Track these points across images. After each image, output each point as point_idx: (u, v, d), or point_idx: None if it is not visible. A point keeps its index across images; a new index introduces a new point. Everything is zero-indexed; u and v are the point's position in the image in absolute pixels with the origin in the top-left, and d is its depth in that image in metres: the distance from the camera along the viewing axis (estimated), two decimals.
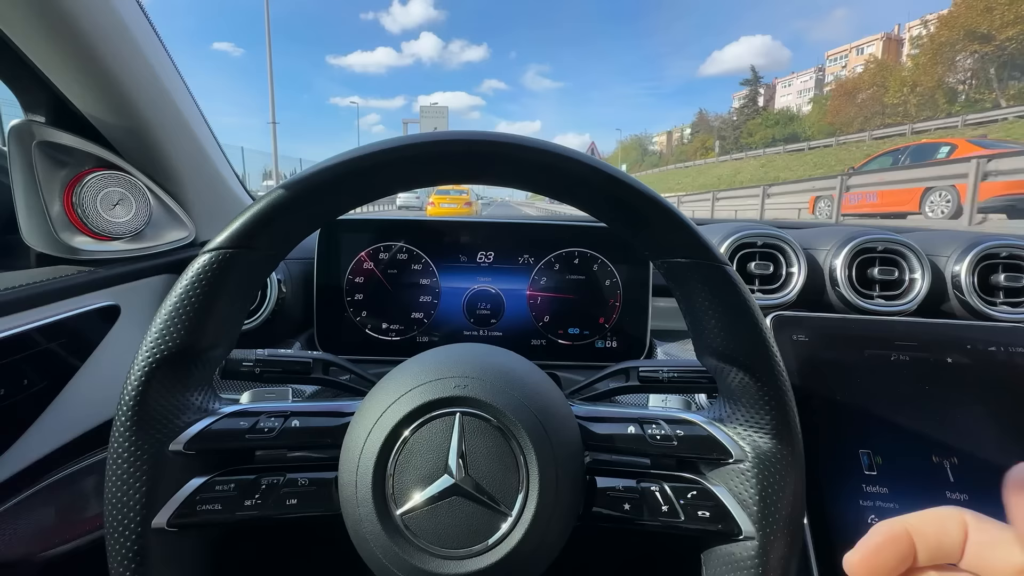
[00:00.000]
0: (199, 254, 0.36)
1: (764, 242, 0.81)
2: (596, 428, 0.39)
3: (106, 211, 0.68)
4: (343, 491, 0.35)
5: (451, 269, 0.83)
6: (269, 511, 0.37)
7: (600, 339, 0.83)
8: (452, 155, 0.36)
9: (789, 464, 0.36)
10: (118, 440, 0.35)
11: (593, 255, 0.82)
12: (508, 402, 0.35)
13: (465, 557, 0.32)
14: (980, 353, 0.60)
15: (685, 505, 0.37)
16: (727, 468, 0.38)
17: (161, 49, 0.73)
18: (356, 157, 0.35)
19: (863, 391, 0.59)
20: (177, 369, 0.36)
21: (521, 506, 0.33)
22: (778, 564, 0.35)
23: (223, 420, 0.38)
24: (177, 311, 0.35)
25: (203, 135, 0.81)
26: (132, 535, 0.35)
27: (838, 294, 0.79)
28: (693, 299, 0.37)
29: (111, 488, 0.35)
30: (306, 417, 0.40)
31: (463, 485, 0.33)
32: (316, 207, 0.37)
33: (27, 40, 0.59)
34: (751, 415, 0.37)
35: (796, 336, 0.62)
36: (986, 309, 0.76)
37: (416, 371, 0.37)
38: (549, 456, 0.34)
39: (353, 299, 0.83)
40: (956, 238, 0.82)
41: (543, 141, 0.36)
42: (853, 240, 0.79)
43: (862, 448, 0.56)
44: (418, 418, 0.34)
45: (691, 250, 0.36)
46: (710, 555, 0.38)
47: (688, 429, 0.39)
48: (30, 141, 0.62)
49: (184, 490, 0.36)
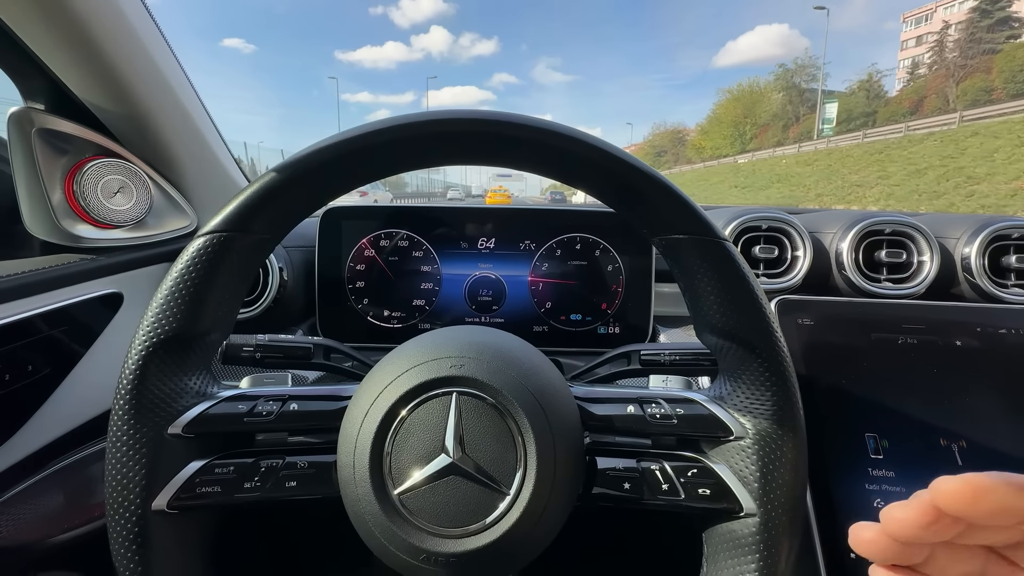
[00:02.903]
0: (194, 238, 0.36)
1: (769, 225, 0.80)
2: (595, 408, 0.39)
3: (107, 199, 0.68)
4: (341, 472, 0.35)
5: (452, 256, 0.83)
6: (268, 493, 0.37)
7: (602, 325, 0.83)
8: (446, 135, 0.35)
9: (791, 439, 0.36)
10: (117, 424, 0.35)
11: (595, 240, 0.82)
12: (505, 381, 0.34)
13: (463, 536, 0.32)
14: (990, 336, 0.59)
15: (685, 483, 0.37)
16: (728, 445, 0.37)
17: (159, 36, 0.72)
18: (348, 138, 0.35)
19: (870, 375, 0.58)
20: (174, 354, 0.36)
21: (519, 485, 0.33)
22: (779, 541, 0.35)
23: (221, 404, 0.38)
24: (173, 296, 0.35)
25: (203, 123, 0.81)
26: (133, 517, 0.35)
27: (844, 278, 0.78)
28: (692, 276, 0.36)
29: (111, 472, 0.35)
30: (304, 400, 0.40)
31: (460, 464, 0.33)
32: (312, 188, 0.37)
33: (24, 26, 0.59)
34: (752, 391, 0.37)
35: (802, 320, 0.61)
36: (997, 291, 0.75)
37: (413, 352, 0.37)
38: (547, 435, 0.34)
39: (355, 287, 0.82)
40: (965, 220, 0.80)
41: (536, 118, 0.35)
42: (860, 223, 0.78)
43: (868, 432, 0.55)
44: (415, 398, 0.34)
45: (690, 226, 0.36)
46: (711, 533, 0.38)
47: (688, 408, 0.38)
48: (30, 128, 0.62)
49: (184, 473, 0.36)
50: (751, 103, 48.28)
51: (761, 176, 25.46)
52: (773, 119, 46.25)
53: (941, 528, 0.20)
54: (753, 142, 45.69)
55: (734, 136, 48.50)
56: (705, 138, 53.25)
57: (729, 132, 49.13)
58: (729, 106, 49.98)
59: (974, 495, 0.19)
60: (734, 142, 47.81)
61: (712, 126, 52.35)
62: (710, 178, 31.60)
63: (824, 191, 19.57)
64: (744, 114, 48.38)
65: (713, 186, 29.25)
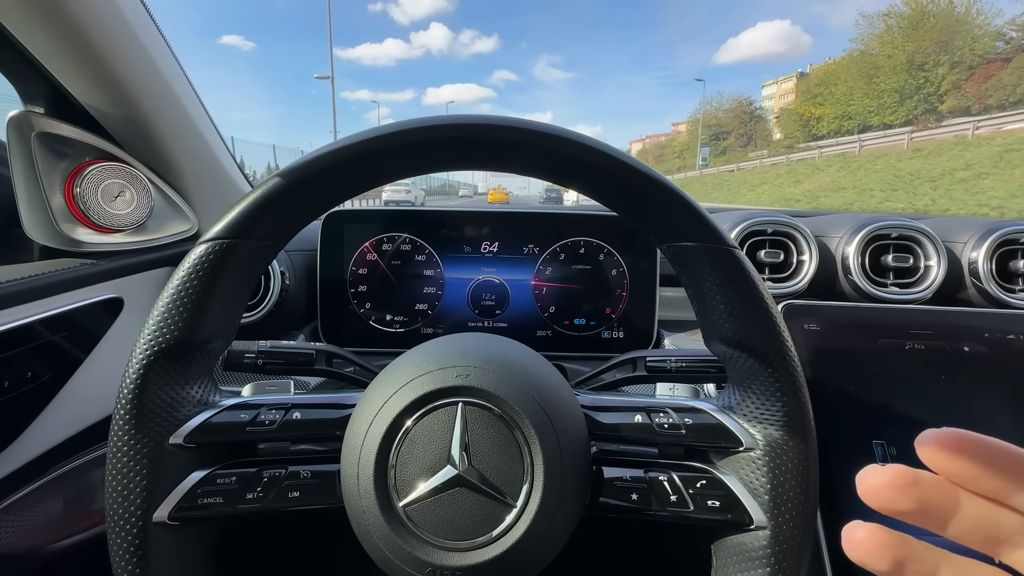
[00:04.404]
0: (196, 245, 0.35)
1: (775, 230, 0.79)
2: (602, 417, 0.39)
3: (107, 203, 0.67)
4: (345, 483, 0.35)
5: (455, 260, 0.82)
6: (271, 504, 0.37)
7: (607, 330, 0.82)
8: (448, 140, 0.35)
9: (802, 451, 0.35)
10: (117, 434, 0.35)
11: (599, 244, 0.81)
12: (512, 391, 0.34)
13: (469, 549, 0.32)
14: (998, 341, 0.59)
15: (694, 495, 0.36)
16: (737, 456, 0.37)
17: (160, 39, 0.72)
18: (351, 144, 0.34)
19: (876, 381, 0.57)
20: (176, 362, 0.36)
21: (526, 497, 0.32)
22: (791, 554, 0.34)
23: (223, 413, 0.38)
24: (174, 303, 0.35)
25: (204, 126, 0.81)
26: (133, 529, 0.34)
27: (851, 282, 0.77)
28: (701, 284, 0.36)
29: (111, 482, 0.35)
30: (307, 409, 0.39)
31: (466, 476, 0.32)
32: (315, 195, 0.36)
33: (24, 29, 0.58)
34: (762, 402, 0.36)
35: (808, 325, 0.61)
36: (1005, 296, 0.74)
37: (418, 361, 0.36)
38: (554, 446, 0.33)
39: (357, 291, 0.82)
40: (973, 224, 0.80)
41: (543, 123, 0.34)
42: (866, 227, 0.78)
43: (876, 439, 0.55)
44: (420, 408, 0.34)
45: (698, 233, 0.35)
46: (720, 545, 0.37)
47: (697, 417, 0.38)
48: (29, 132, 0.61)
49: (185, 483, 0.36)
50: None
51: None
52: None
53: (921, 492, 0.19)
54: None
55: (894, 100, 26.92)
56: (817, 105, 32.20)
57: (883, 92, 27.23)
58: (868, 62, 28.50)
59: (959, 444, 0.19)
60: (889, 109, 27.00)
61: (829, 87, 31.07)
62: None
63: None
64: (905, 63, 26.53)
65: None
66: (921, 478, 0.19)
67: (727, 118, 51.24)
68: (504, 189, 27.61)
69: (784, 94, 54.67)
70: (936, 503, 0.19)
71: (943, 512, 0.19)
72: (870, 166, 19.62)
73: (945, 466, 0.19)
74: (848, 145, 24.01)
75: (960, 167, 15.16)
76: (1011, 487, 0.18)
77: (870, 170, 19.13)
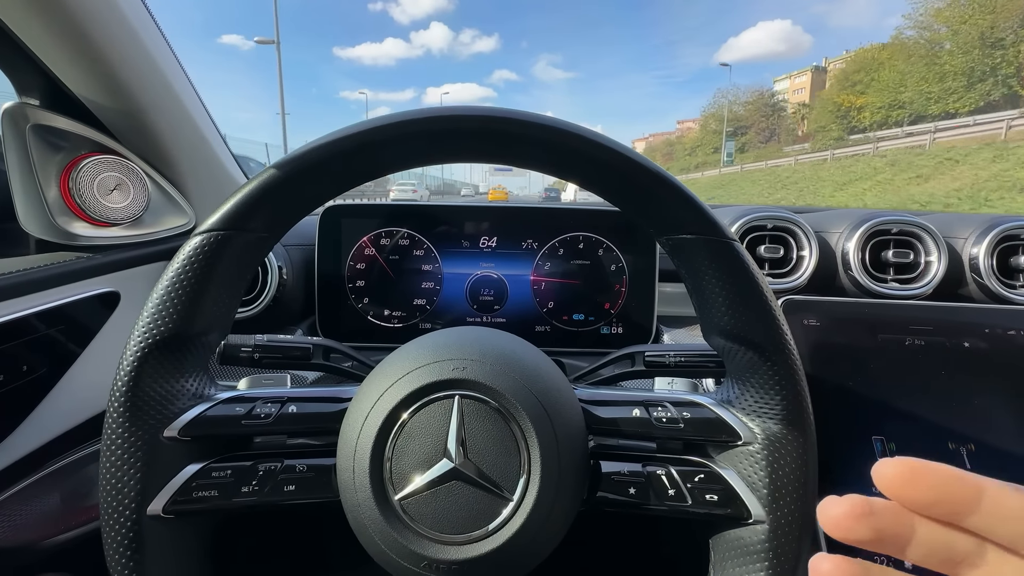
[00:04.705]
0: (191, 236, 0.35)
1: (774, 225, 0.79)
2: (600, 411, 0.38)
3: (103, 196, 0.67)
4: (341, 476, 0.35)
5: (453, 255, 0.82)
6: (266, 497, 0.36)
7: (605, 325, 0.82)
8: (446, 131, 0.34)
9: (801, 445, 0.35)
10: (111, 427, 0.34)
11: (598, 240, 0.81)
12: (508, 384, 0.34)
13: (465, 543, 0.32)
14: (999, 337, 0.58)
15: (692, 489, 0.36)
16: (736, 450, 0.36)
17: (157, 31, 0.71)
18: (347, 135, 0.34)
19: (876, 377, 0.57)
20: (170, 355, 0.35)
21: (523, 491, 0.32)
22: (789, 548, 0.34)
23: (218, 406, 0.37)
24: (169, 295, 0.34)
25: (201, 120, 0.80)
26: (127, 522, 0.34)
27: (851, 278, 0.77)
28: (700, 277, 0.36)
29: (105, 476, 0.34)
30: (303, 403, 0.39)
31: (463, 469, 0.32)
32: (311, 186, 0.36)
33: (20, 20, 0.58)
34: (761, 395, 0.36)
35: (807, 321, 0.60)
36: (1006, 292, 0.74)
37: (414, 354, 0.36)
38: (551, 439, 0.33)
39: (355, 286, 0.82)
40: (973, 220, 0.79)
41: (540, 115, 0.34)
42: (867, 222, 0.77)
43: (875, 435, 0.54)
44: (416, 401, 0.33)
45: (698, 226, 0.35)
46: (718, 540, 0.37)
47: (695, 411, 0.38)
48: (24, 124, 0.61)
49: (180, 477, 0.36)
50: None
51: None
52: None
53: (878, 521, 0.20)
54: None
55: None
56: (858, 94, 27.91)
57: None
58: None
59: (912, 475, 0.19)
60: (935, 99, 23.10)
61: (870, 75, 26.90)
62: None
63: None
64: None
65: None
66: (876, 507, 0.20)
67: (746, 112, 47.33)
68: (504, 189, 27.52)
69: (798, 89, 51.93)
70: (892, 530, 0.20)
71: (899, 539, 0.20)
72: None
73: (899, 494, 0.20)
74: (918, 137, 19.81)
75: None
76: (962, 511, 0.19)
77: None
